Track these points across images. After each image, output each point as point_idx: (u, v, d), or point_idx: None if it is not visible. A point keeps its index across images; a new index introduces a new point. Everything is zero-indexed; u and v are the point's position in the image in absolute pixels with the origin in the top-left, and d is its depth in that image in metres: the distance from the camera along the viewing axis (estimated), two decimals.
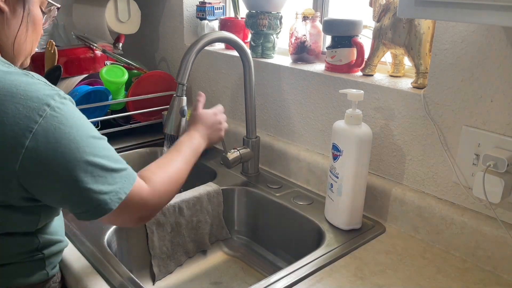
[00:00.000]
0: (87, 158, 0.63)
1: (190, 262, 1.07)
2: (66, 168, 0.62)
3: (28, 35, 0.73)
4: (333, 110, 1.09)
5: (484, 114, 0.81)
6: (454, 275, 0.81)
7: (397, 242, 0.91)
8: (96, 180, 0.64)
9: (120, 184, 0.66)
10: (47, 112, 0.61)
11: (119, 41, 1.54)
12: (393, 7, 0.96)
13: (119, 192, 0.66)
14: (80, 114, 0.66)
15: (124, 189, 0.67)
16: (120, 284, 0.76)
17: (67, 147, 0.62)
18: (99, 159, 0.65)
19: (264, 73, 1.24)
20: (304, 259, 0.84)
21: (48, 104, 0.62)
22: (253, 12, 1.25)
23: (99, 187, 0.64)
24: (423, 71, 0.92)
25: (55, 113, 0.62)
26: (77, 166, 0.62)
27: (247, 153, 1.17)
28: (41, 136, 0.60)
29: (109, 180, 0.65)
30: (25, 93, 0.62)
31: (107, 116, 1.39)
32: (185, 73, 0.98)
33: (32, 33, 0.74)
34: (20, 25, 0.71)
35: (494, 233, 0.81)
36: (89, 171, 0.63)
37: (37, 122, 0.61)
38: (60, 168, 0.62)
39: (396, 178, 0.98)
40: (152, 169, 0.76)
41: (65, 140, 0.62)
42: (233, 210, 1.16)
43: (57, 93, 0.65)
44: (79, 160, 0.62)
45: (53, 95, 0.64)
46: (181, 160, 0.82)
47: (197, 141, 0.90)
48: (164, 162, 0.80)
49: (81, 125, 0.64)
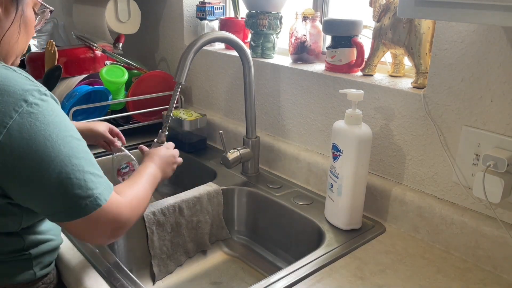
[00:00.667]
0: (62, 158, 0.62)
1: (190, 262, 1.07)
2: (40, 166, 0.61)
3: (20, 36, 0.73)
4: (333, 110, 1.09)
5: (484, 114, 0.81)
6: (454, 275, 0.81)
7: (397, 242, 0.91)
8: (72, 181, 0.62)
9: (100, 190, 0.65)
10: (23, 108, 0.61)
11: (119, 41, 1.54)
12: (393, 7, 0.96)
13: (98, 198, 0.64)
14: (60, 112, 0.65)
15: (104, 195, 0.65)
16: (120, 284, 0.76)
17: (42, 144, 0.61)
18: (77, 160, 0.63)
19: (264, 73, 1.24)
20: (304, 259, 0.84)
21: (25, 99, 0.61)
22: (253, 12, 1.25)
23: (76, 190, 0.63)
24: (423, 71, 0.92)
25: (32, 109, 0.61)
26: (51, 165, 0.61)
27: (247, 153, 1.17)
28: (15, 131, 0.60)
29: (88, 184, 0.64)
30: (2, 87, 0.61)
31: (107, 116, 1.39)
32: (184, 72, 0.98)
33: (24, 33, 0.74)
34: (10, 25, 0.71)
35: (494, 233, 0.81)
36: (64, 170, 0.62)
37: (12, 117, 0.60)
38: (34, 165, 0.61)
39: (396, 178, 0.98)
40: (123, 187, 0.75)
41: (40, 137, 0.61)
42: (233, 210, 1.16)
43: (37, 89, 0.64)
44: (55, 159, 0.61)
45: (32, 91, 0.63)
46: (145, 182, 0.82)
47: (153, 170, 0.88)
48: (132, 182, 0.79)
49: (59, 123, 0.63)
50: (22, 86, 0.63)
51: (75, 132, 0.66)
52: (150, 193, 0.82)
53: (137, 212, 0.74)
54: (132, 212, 0.71)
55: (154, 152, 0.95)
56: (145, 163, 0.90)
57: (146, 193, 0.79)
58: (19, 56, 0.77)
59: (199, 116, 1.36)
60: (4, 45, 0.71)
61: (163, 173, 0.92)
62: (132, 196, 0.73)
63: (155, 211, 0.99)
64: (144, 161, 0.91)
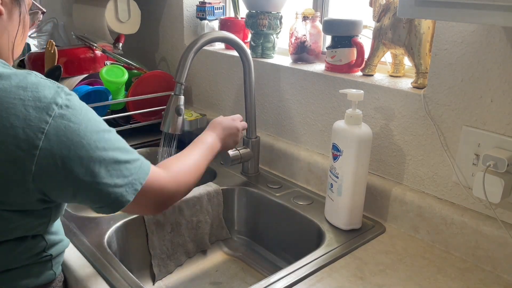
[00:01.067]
0: (99, 153, 0.63)
1: (190, 262, 1.07)
2: (80, 165, 0.62)
3: (18, 37, 0.73)
4: (333, 110, 1.09)
5: (484, 114, 0.81)
6: (454, 275, 0.81)
7: (397, 242, 0.91)
8: (110, 174, 0.64)
9: (135, 175, 0.67)
10: (55, 111, 0.61)
11: (119, 41, 1.54)
12: (393, 7, 0.96)
13: (134, 183, 0.67)
14: (86, 108, 0.66)
15: (139, 179, 0.67)
16: (120, 284, 0.76)
17: (79, 144, 0.62)
18: (112, 153, 0.65)
19: (264, 73, 1.24)
20: (304, 259, 0.84)
21: (56, 102, 0.62)
22: (253, 12, 1.25)
23: (114, 180, 0.64)
24: (423, 71, 0.92)
25: (63, 111, 0.62)
26: (90, 162, 0.62)
27: (247, 153, 1.17)
28: (53, 135, 0.60)
29: (124, 172, 0.66)
30: (33, 94, 0.62)
31: (107, 116, 1.39)
32: (184, 72, 0.98)
33: (22, 35, 0.74)
34: (18, 28, 0.72)
35: (494, 233, 0.81)
36: (102, 165, 0.63)
37: (47, 122, 0.60)
38: (75, 165, 0.62)
39: (396, 178, 0.98)
40: (170, 160, 0.79)
41: (76, 138, 0.62)
42: (233, 210, 1.16)
43: (63, 90, 0.65)
44: (92, 156, 0.62)
45: (59, 93, 0.64)
46: (197, 153, 0.85)
47: (212, 140, 0.92)
48: (181, 155, 0.83)
49: (88, 120, 0.64)
50: (49, 90, 0.63)
51: (103, 123, 0.68)
52: (203, 164, 0.85)
53: (184, 184, 0.77)
54: (177, 185, 0.74)
55: (218, 121, 0.99)
56: (206, 132, 0.95)
57: (196, 164, 0.82)
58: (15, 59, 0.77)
59: (199, 116, 1.36)
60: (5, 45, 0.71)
61: (223, 143, 0.96)
62: (177, 170, 0.76)
63: None
64: (206, 130, 0.95)
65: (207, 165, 0.87)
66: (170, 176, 0.74)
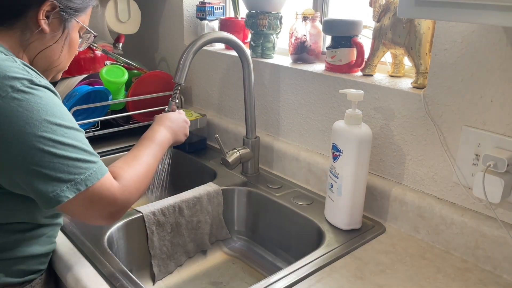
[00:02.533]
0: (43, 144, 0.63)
1: (190, 262, 1.07)
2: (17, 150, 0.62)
3: (62, 54, 0.80)
4: (333, 110, 1.09)
5: (484, 114, 0.81)
6: (454, 275, 0.81)
7: (397, 242, 0.91)
8: (54, 166, 0.64)
9: (83, 176, 0.66)
10: (8, 93, 0.63)
11: (119, 41, 1.53)
12: (393, 7, 0.96)
13: (79, 182, 0.66)
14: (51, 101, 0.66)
15: (86, 181, 0.66)
16: (120, 284, 0.76)
17: (21, 129, 0.62)
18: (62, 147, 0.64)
19: (264, 73, 1.24)
20: (304, 259, 0.84)
21: (12, 86, 0.64)
22: (253, 12, 1.25)
23: (57, 174, 0.64)
24: (423, 71, 0.92)
25: (17, 96, 0.63)
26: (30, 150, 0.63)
27: (247, 153, 1.17)
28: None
29: (71, 169, 0.65)
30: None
31: (107, 116, 1.39)
32: (183, 72, 0.98)
33: (67, 53, 0.81)
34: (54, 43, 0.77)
35: (494, 233, 0.81)
36: (46, 156, 0.63)
37: None
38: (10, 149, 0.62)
39: (396, 178, 0.98)
40: (121, 165, 0.76)
41: (21, 122, 0.62)
42: (233, 210, 1.16)
43: (30, 79, 0.66)
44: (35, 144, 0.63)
45: (22, 79, 0.65)
46: (149, 155, 0.82)
47: (162, 136, 0.88)
48: (133, 158, 0.79)
49: (45, 110, 0.65)
50: (13, 74, 0.65)
51: (68, 121, 0.67)
52: (154, 166, 0.82)
53: (136, 193, 0.75)
54: (129, 195, 0.73)
55: (164, 116, 0.94)
56: (153, 127, 0.90)
57: (148, 170, 0.79)
58: (60, 72, 0.84)
59: (199, 116, 1.36)
60: (43, 59, 0.77)
61: (175, 136, 0.92)
62: (130, 179, 0.73)
63: (155, 211, 0.99)
64: (153, 125, 0.91)
65: (158, 164, 0.84)
66: (122, 186, 0.72)
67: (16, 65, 0.67)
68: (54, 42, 0.77)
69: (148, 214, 0.98)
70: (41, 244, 0.80)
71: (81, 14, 0.80)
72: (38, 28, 0.74)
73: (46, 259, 0.83)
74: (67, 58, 0.82)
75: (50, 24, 0.75)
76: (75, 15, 0.79)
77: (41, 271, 0.82)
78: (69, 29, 0.79)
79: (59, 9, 0.75)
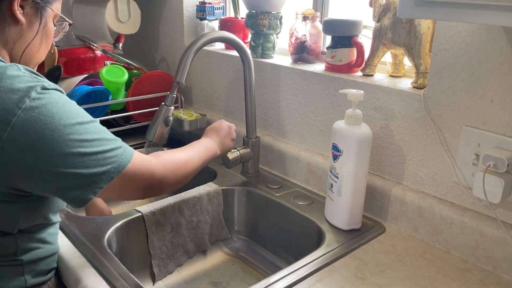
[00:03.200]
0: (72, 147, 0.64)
1: (190, 262, 1.07)
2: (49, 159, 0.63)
3: (41, 46, 0.78)
4: (333, 110, 1.09)
5: (484, 114, 0.81)
6: (454, 275, 0.81)
7: (397, 242, 0.91)
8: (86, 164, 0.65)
9: (115, 164, 0.68)
10: (26, 104, 0.62)
11: (119, 41, 1.54)
12: (393, 7, 0.96)
13: (112, 172, 0.67)
14: (64, 102, 0.66)
15: (119, 167, 0.68)
16: (120, 284, 0.76)
17: (49, 137, 0.62)
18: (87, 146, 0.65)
19: (264, 73, 1.24)
20: (304, 259, 0.84)
21: (29, 96, 0.63)
22: (253, 12, 1.25)
23: (90, 170, 0.65)
24: (423, 71, 0.92)
25: (35, 104, 0.63)
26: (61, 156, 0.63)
27: (247, 153, 1.17)
28: (19, 128, 0.61)
29: (101, 162, 0.66)
30: (7, 85, 0.63)
31: (107, 116, 1.39)
32: (184, 72, 0.98)
33: (44, 44, 0.78)
34: (34, 37, 0.75)
35: (494, 233, 0.81)
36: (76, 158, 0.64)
37: (16, 114, 0.61)
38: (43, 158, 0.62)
39: (396, 178, 0.98)
40: (162, 152, 0.81)
41: (47, 131, 0.62)
42: (233, 210, 1.16)
43: (41, 85, 0.65)
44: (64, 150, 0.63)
45: (35, 87, 0.64)
46: (191, 150, 0.87)
47: (208, 142, 0.95)
48: (174, 150, 0.85)
49: (63, 113, 0.65)
50: (26, 84, 0.64)
51: (83, 116, 0.68)
52: (196, 160, 0.86)
53: (174, 173, 0.78)
54: (165, 171, 0.76)
55: (209, 128, 1.02)
56: (201, 139, 0.97)
57: (188, 159, 0.84)
58: (37, 64, 0.82)
59: (199, 116, 1.36)
60: (23, 52, 0.75)
61: (221, 145, 0.99)
62: (167, 158, 0.78)
63: (155, 211, 0.99)
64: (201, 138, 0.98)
65: (202, 163, 0.88)
66: (158, 161, 0.75)
67: (22, 73, 0.66)
68: (32, 33, 0.75)
69: (148, 214, 0.98)
70: (54, 242, 0.81)
71: (55, 2, 0.77)
72: (14, 20, 0.71)
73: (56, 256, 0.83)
74: (45, 50, 0.80)
75: (25, 15, 0.72)
76: (50, 3, 0.76)
77: (55, 268, 0.82)
78: (46, 18, 0.76)
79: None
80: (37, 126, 0.62)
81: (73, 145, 0.64)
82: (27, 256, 0.75)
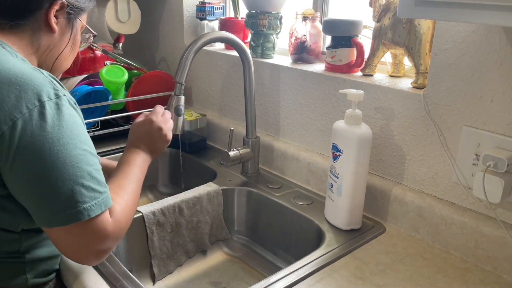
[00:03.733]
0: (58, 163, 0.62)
1: (190, 262, 1.07)
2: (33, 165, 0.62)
3: (70, 56, 0.81)
4: (333, 110, 1.09)
5: (484, 114, 0.81)
6: (454, 275, 0.81)
7: (397, 242, 0.91)
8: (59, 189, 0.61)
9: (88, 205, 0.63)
10: (35, 107, 0.62)
11: (119, 41, 1.53)
12: (393, 7, 0.96)
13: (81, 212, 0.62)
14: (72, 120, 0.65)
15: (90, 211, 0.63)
16: (120, 284, 0.76)
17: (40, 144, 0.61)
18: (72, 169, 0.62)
19: (264, 73, 1.24)
20: (304, 259, 0.84)
21: (40, 99, 0.63)
22: (253, 12, 1.25)
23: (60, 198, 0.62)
24: (423, 71, 0.92)
25: (43, 110, 0.62)
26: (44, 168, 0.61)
27: (247, 153, 1.17)
28: (20, 126, 0.61)
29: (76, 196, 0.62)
30: (23, 83, 0.63)
31: (107, 116, 1.39)
32: (184, 72, 0.98)
33: (72, 54, 0.82)
34: (65, 46, 0.78)
35: (494, 233, 0.81)
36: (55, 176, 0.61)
37: (22, 112, 0.61)
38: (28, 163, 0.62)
39: (396, 178, 0.98)
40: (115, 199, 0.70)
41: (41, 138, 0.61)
42: (233, 210, 1.16)
43: (56, 93, 0.65)
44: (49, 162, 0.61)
45: (49, 93, 0.64)
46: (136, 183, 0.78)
47: (141, 159, 0.83)
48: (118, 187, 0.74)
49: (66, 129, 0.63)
50: (42, 87, 0.64)
51: (84, 143, 0.65)
52: (139, 190, 0.78)
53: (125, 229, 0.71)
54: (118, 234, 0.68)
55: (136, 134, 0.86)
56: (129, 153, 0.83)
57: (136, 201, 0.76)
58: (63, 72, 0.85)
59: (199, 116, 1.36)
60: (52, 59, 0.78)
61: (154, 153, 0.86)
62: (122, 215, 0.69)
63: (155, 211, 0.99)
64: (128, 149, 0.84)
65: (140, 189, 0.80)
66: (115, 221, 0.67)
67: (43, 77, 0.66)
68: (63, 42, 0.78)
69: (148, 214, 0.98)
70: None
71: (83, 13, 0.81)
72: (49, 28, 0.74)
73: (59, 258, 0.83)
74: (71, 58, 0.83)
75: (59, 24, 0.76)
76: (80, 14, 0.79)
77: (56, 270, 0.82)
78: (76, 28, 0.80)
79: (67, 8, 0.75)
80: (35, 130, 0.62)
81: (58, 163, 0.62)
82: (30, 255, 0.74)
